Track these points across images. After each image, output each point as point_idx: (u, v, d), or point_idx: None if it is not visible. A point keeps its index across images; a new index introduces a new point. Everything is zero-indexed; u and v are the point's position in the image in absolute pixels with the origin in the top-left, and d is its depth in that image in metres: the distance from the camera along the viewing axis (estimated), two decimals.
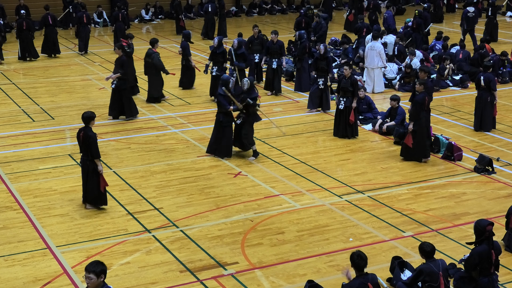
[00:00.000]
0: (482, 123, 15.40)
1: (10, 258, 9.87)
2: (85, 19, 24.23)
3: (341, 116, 14.89)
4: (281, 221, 11.03)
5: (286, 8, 34.81)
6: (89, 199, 11.44)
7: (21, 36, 22.96)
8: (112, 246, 10.19)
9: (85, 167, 11.27)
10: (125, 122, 16.21)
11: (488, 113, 15.31)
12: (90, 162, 11.15)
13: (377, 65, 18.87)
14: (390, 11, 25.76)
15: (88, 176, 11.23)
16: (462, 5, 35.99)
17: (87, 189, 11.37)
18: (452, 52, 21.68)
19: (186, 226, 10.83)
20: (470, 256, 8.65)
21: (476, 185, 12.49)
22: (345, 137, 14.92)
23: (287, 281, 9.22)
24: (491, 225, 8.60)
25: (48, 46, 23.77)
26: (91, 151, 11.05)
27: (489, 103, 15.24)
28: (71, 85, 19.86)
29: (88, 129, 11.08)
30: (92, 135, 11.01)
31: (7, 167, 13.42)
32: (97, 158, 11.10)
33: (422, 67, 14.66)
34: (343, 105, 14.83)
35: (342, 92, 14.85)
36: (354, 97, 14.77)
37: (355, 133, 14.99)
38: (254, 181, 12.69)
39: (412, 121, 13.29)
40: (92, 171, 11.18)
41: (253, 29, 20.14)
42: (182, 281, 9.23)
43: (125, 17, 24.71)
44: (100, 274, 6.57)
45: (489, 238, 8.59)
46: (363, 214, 11.25)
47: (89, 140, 10.99)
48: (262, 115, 14.35)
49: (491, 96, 15.23)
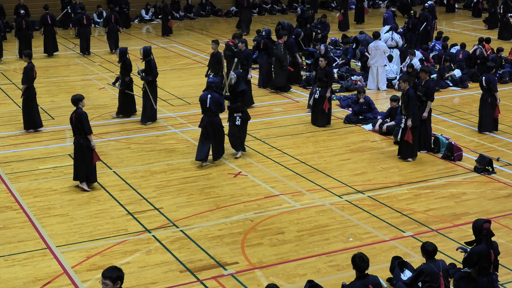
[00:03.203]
0: (482, 124, 15.40)
1: (10, 258, 9.87)
2: (85, 20, 24.15)
3: (316, 105, 15.77)
4: (281, 221, 11.03)
5: (286, 8, 34.82)
6: (81, 177, 12.17)
7: (20, 36, 23.05)
8: (112, 246, 10.19)
9: (78, 146, 12.06)
10: (125, 122, 16.21)
11: (487, 114, 15.30)
12: (83, 140, 11.96)
13: (381, 63, 19.11)
14: (390, 11, 25.75)
15: (84, 154, 12.00)
16: (462, 5, 36.08)
17: (80, 168, 12.12)
18: (452, 52, 21.69)
19: (186, 226, 10.83)
20: (468, 255, 8.66)
21: (476, 185, 12.49)
22: (317, 125, 15.77)
23: (287, 281, 9.22)
24: (488, 223, 8.63)
25: (47, 45, 23.81)
26: (83, 127, 11.88)
27: (489, 104, 15.22)
28: (71, 85, 19.86)
29: (79, 109, 11.97)
30: (83, 112, 11.91)
31: (7, 167, 13.42)
32: (89, 134, 11.95)
33: (423, 67, 14.64)
34: (318, 94, 15.63)
35: (319, 82, 15.65)
36: (328, 87, 15.53)
37: (327, 122, 15.80)
38: (254, 181, 12.69)
39: (410, 117, 13.29)
40: (86, 149, 11.99)
41: (212, 46, 17.79)
42: (182, 281, 9.23)
43: (118, 19, 24.58)
44: (116, 280, 6.55)
45: (487, 237, 8.60)
46: (363, 214, 11.25)
47: (81, 117, 11.85)
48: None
49: (491, 97, 15.22)
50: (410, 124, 13.28)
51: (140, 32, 29.48)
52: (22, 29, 22.95)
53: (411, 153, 13.57)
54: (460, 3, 36.60)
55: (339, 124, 16.03)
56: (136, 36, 28.12)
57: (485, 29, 29.02)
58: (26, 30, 23.02)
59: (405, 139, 13.51)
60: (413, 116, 13.30)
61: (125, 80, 16.20)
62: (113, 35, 24.30)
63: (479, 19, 32.32)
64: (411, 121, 13.27)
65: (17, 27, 23.23)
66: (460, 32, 28.31)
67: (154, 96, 16.01)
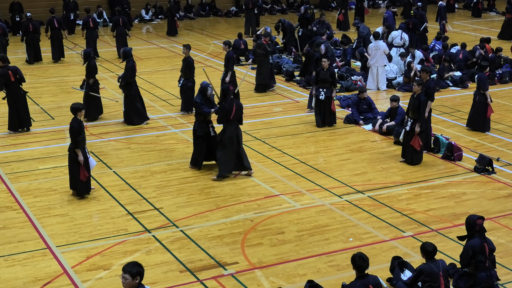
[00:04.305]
0: (473, 122, 15.51)
1: (10, 258, 9.87)
2: (91, 23, 23.32)
3: (321, 106, 15.74)
4: (281, 221, 11.03)
5: (286, 8, 34.83)
6: (72, 186, 11.99)
7: (27, 39, 22.47)
8: (112, 246, 10.19)
9: (70, 154, 11.82)
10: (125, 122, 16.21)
11: (477, 112, 15.37)
12: (72, 151, 11.71)
13: (381, 63, 19.15)
14: (390, 11, 25.76)
15: (72, 165, 11.78)
16: (462, 5, 36.09)
17: (71, 177, 11.95)
18: (452, 52, 21.69)
19: (186, 226, 10.83)
20: (463, 250, 8.72)
21: (476, 185, 12.49)
22: (325, 125, 15.75)
23: (287, 281, 9.22)
24: (481, 219, 8.71)
25: (55, 49, 23.02)
26: (71, 140, 11.63)
27: (477, 103, 15.29)
28: (71, 85, 19.83)
29: (73, 119, 11.64)
30: (74, 125, 11.52)
31: (7, 167, 13.42)
32: (76, 148, 11.59)
33: (423, 67, 14.59)
34: (323, 96, 15.57)
35: (321, 83, 15.64)
36: (333, 88, 15.65)
37: (334, 121, 15.89)
38: (254, 181, 12.69)
39: (420, 122, 13.15)
40: (73, 160, 11.73)
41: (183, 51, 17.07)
42: (182, 281, 9.23)
43: (126, 22, 23.74)
44: (135, 275, 6.55)
45: (480, 233, 8.67)
46: (363, 214, 11.25)
47: (71, 129, 11.57)
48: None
49: (480, 96, 15.25)
50: (418, 130, 13.18)
51: (140, 32, 29.49)
52: (29, 33, 22.39)
53: (417, 158, 13.42)
54: (460, 3, 36.61)
55: (339, 124, 16.03)
56: (136, 36, 28.12)
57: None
58: (33, 33, 22.47)
59: (411, 144, 13.31)
60: (422, 121, 13.20)
61: (89, 82, 16.06)
62: (122, 39, 23.39)
63: (479, 19, 32.35)
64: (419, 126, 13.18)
65: (23, 31, 22.57)
66: (460, 32, 28.30)
67: (132, 98, 15.83)
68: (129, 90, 15.83)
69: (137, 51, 23.92)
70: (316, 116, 15.89)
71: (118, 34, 23.44)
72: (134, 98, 15.84)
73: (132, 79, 15.78)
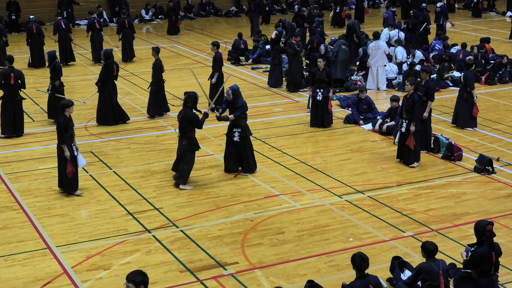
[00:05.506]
0: (458, 119, 15.63)
1: (10, 258, 9.87)
2: (97, 25, 22.85)
3: (318, 106, 15.68)
4: (281, 221, 11.03)
5: (286, 8, 34.82)
6: (60, 183, 12.06)
7: (31, 42, 22.00)
8: (112, 246, 10.19)
9: (57, 151, 11.87)
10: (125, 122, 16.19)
11: (463, 110, 15.49)
12: (59, 147, 11.78)
13: (381, 63, 19.18)
14: (390, 11, 25.77)
15: (59, 160, 11.85)
16: (462, 5, 36.08)
17: (59, 174, 12.02)
18: (452, 52, 21.68)
19: (186, 226, 10.83)
20: (470, 257, 8.64)
21: (476, 185, 12.49)
22: (321, 126, 15.69)
23: (287, 281, 9.22)
24: (491, 225, 8.59)
25: (61, 52, 22.39)
26: (57, 135, 11.71)
27: (463, 101, 15.38)
28: (71, 85, 19.84)
29: (61, 116, 11.72)
30: (60, 121, 11.63)
31: (7, 167, 13.42)
32: (61, 144, 11.65)
33: (423, 67, 14.59)
34: (321, 96, 15.54)
35: (317, 84, 15.58)
36: (330, 87, 15.65)
37: (330, 121, 15.84)
38: (254, 181, 12.69)
39: (414, 122, 13.14)
40: (60, 158, 11.81)
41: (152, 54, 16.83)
42: (182, 281, 9.23)
43: (131, 24, 23.40)
44: (139, 284, 6.54)
45: (489, 239, 8.57)
46: (363, 214, 11.25)
47: (58, 125, 11.70)
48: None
49: (467, 94, 15.29)
50: (413, 129, 13.15)
51: (140, 32, 29.46)
52: (33, 35, 21.95)
53: (414, 157, 13.37)
54: (460, 3, 36.60)
55: (339, 124, 16.04)
56: (136, 36, 28.07)
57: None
58: (37, 35, 22.05)
59: (406, 144, 13.26)
60: (416, 121, 13.15)
61: (54, 84, 15.91)
62: (127, 41, 23.08)
63: (479, 19, 32.35)
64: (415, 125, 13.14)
65: (28, 33, 22.11)
66: (460, 32, 28.30)
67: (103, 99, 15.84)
68: (102, 90, 15.92)
69: (137, 51, 23.94)
70: (311, 116, 15.89)
71: (124, 37, 23.03)
72: (105, 100, 15.84)
73: (107, 80, 15.81)
